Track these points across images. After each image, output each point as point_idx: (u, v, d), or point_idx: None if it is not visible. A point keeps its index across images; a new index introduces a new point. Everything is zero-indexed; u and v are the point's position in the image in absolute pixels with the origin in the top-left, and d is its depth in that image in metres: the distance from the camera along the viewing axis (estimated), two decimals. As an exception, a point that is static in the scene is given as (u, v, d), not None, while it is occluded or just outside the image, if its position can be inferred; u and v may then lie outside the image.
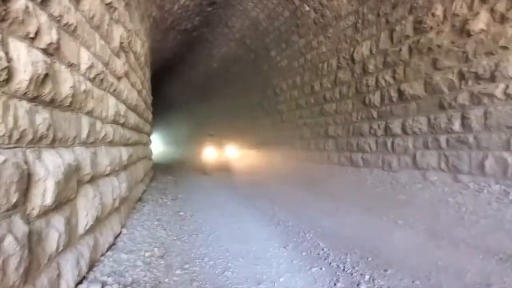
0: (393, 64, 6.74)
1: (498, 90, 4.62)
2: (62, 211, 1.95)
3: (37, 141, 1.72)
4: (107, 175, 3.03)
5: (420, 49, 5.99)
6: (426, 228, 4.11)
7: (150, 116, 8.43)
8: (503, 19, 4.54)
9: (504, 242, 3.45)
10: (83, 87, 2.36)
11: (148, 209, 5.13)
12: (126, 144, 4.14)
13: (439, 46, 5.58)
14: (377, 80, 7.28)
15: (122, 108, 3.86)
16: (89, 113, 2.59)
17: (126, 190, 3.72)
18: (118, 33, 3.70)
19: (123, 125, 3.98)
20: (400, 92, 6.55)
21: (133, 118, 4.75)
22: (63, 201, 1.97)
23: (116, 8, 3.61)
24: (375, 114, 7.41)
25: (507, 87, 4.52)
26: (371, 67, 7.47)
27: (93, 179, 2.56)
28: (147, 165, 7.05)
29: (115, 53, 3.58)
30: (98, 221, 2.59)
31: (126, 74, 4.34)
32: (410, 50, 6.27)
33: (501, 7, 4.55)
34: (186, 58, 18.68)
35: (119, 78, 3.81)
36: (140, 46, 5.89)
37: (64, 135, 2.08)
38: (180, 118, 28.50)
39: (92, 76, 2.66)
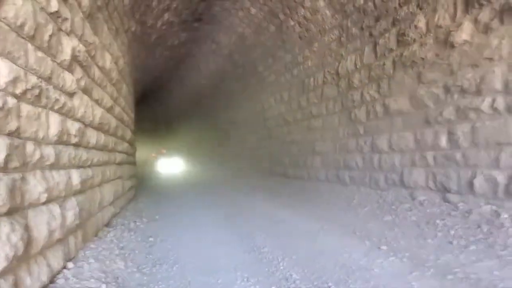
0: (378, 78, 6.50)
1: (485, 104, 4.35)
2: None
3: None
4: (44, 203, 2.67)
5: (404, 62, 5.75)
6: (411, 254, 3.75)
7: (128, 134, 8.08)
8: (487, 29, 4.30)
9: (494, 272, 3.09)
10: (-1, 104, 2.04)
11: (113, 235, 4.74)
12: (81, 166, 3.78)
13: (423, 58, 5.34)
14: (362, 95, 7.03)
15: (74, 126, 3.52)
16: (13, 134, 2.25)
17: (75, 218, 3.35)
18: (69, 45, 3.40)
19: (76, 145, 3.64)
20: (386, 107, 6.29)
21: (95, 138, 4.40)
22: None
23: (66, 19, 3.32)
24: (361, 130, 7.12)
25: (493, 100, 4.24)
26: (356, 82, 7.23)
27: (14, 211, 2.21)
28: (121, 186, 6.67)
29: (63, 67, 3.27)
30: (21, 260, 2.22)
31: (85, 90, 4.02)
32: (394, 63, 6.03)
33: (484, 17, 4.31)
34: (174, 75, 18.48)
35: (71, 94, 3.49)
36: (111, 61, 5.60)
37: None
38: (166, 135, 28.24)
39: (19, 91, 2.33)
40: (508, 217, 4.01)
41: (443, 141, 5.01)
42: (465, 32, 4.58)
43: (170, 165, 23.67)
